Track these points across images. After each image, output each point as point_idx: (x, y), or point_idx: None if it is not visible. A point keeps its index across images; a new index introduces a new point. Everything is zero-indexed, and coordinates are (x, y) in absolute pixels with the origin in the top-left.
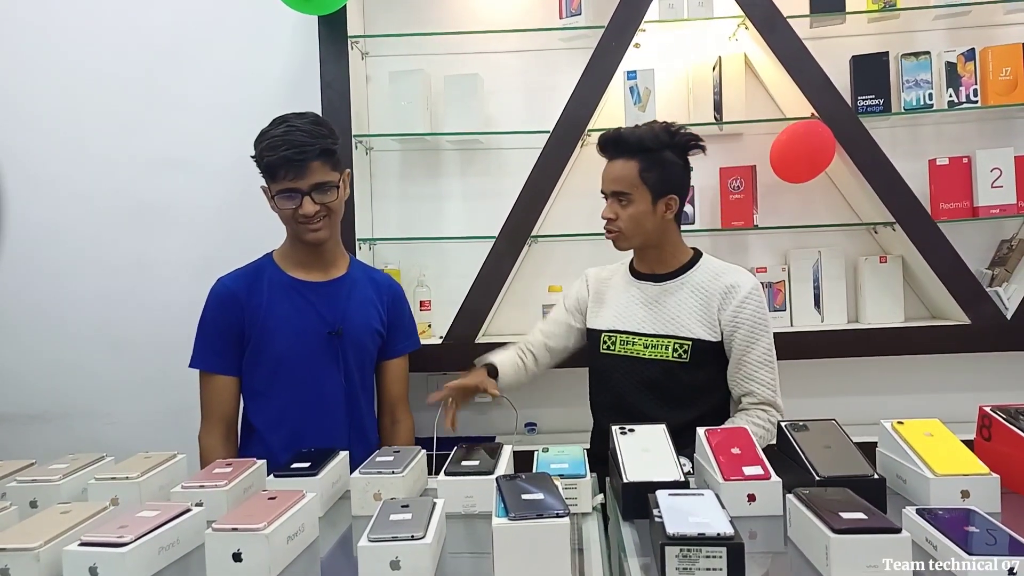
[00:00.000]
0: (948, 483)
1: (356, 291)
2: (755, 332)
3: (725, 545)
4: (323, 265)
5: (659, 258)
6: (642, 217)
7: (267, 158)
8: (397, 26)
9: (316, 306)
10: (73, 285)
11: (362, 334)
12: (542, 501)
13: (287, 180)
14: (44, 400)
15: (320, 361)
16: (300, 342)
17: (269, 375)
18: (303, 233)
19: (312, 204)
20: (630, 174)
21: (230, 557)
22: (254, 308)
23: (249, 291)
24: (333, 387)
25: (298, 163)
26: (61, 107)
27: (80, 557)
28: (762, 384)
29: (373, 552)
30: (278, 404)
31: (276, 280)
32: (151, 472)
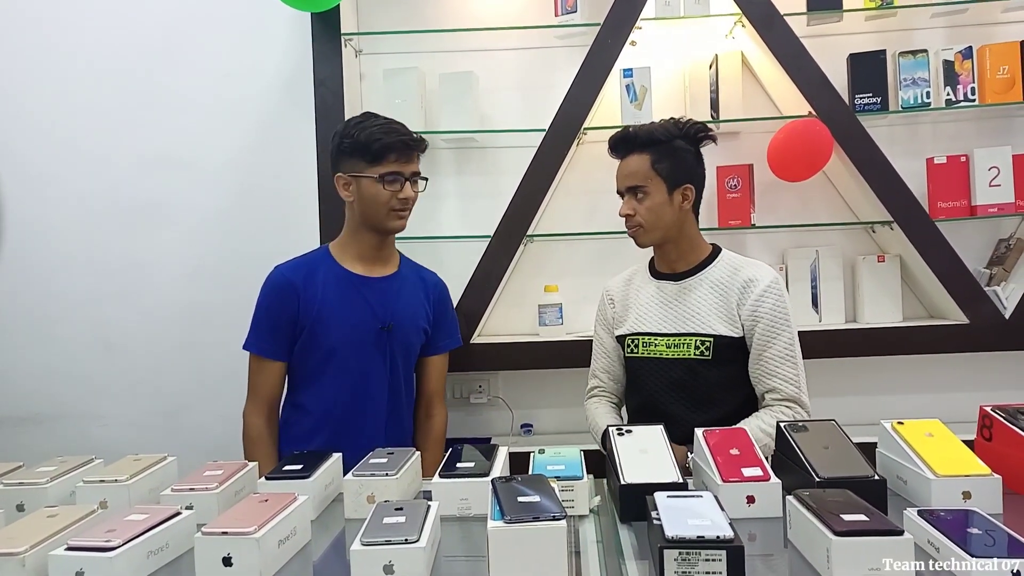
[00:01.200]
0: (949, 484)
1: (406, 289)
2: (775, 326)
3: (725, 548)
4: (381, 260)
5: (679, 254)
6: (660, 208)
7: (380, 140)
8: (391, 24)
9: (370, 301)
10: (65, 286)
11: (410, 331)
12: (538, 503)
13: (396, 163)
14: (36, 402)
15: (369, 354)
16: (353, 335)
17: (320, 363)
18: (391, 220)
19: (412, 189)
20: (643, 167)
21: (220, 561)
22: (309, 298)
23: (305, 281)
24: (379, 379)
25: (410, 149)
26: (53, 105)
27: (67, 562)
28: (785, 380)
29: (366, 556)
30: (326, 391)
31: (332, 273)
32: (141, 475)
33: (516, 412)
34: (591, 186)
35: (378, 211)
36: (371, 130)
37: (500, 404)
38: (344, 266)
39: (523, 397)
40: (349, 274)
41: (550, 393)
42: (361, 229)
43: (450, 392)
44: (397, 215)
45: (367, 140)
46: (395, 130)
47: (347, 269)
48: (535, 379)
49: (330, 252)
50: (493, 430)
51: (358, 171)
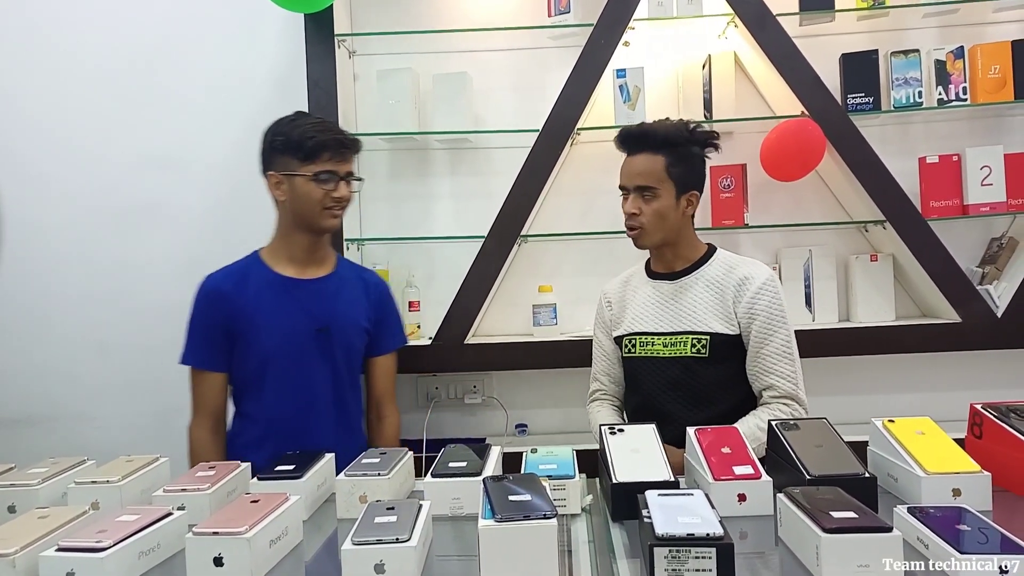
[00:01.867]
0: (939, 481)
1: (344, 288)
2: (771, 324)
3: (714, 545)
4: (314, 261)
5: (675, 255)
6: (666, 212)
7: (314, 137)
8: (385, 24)
9: (304, 303)
10: (59, 286)
11: (350, 332)
12: (529, 502)
13: (330, 162)
14: (28, 403)
15: (309, 358)
16: (288, 339)
17: (258, 371)
18: (325, 219)
19: (346, 189)
20: (657, 168)
21: (211, 562)
22: (241, 305)
23: (236, 288)
24: (322, 383)
25: (344, 148)
26: (47, 105)
27: (57, 563)
28: (782, 377)
29: (357, 555)
30: (268, 399)
31: (264, 277)
32: (133, 476)
33: (511, 412)
34: (585, 186)
35: (311, 210)
36: (304, 128)
37: (495, 404)
38: (276, 270)
39: (518, 397)
40: (281, 277)
41: (545, 393)
42: (293, 230)
43: (445, 392)
44: (331, 214)
45: (300, 138)
46: (329, 129)
47: (279, 273)
48: (530, 379)
49: (260, 257)
50: (488, 430)
51: (291, 169)
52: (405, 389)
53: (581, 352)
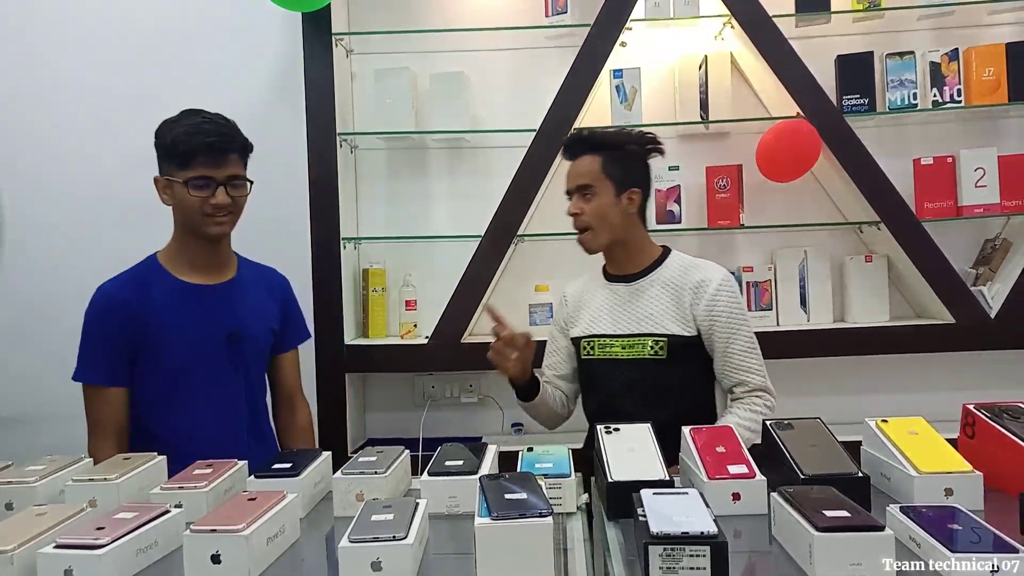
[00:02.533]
0: (932, 481)
1: (250, 292)
2: (733, 323)
3: (709, 544)
4: (216, 266)
5: (627, 256)
6: (606, 209)
7: (185, 142)
8: (382, 24)
9: (213, 311)
10: (55, 284)
11: (259, 335)
12: (525, 501)
13: (205, 167)
14: (23, 401)
15: (221, 367)
16: (201, 350)
17: (169, 384)
18: (207, 226)
19: (226, 195)
20: (593, 168)
21: (209, 559)
22: (145, 315)
23: (138, 297)
24: (236, 391)
25: (220, 151)
26: (44, 104)
27: (55, 560)
28: (751, 372)
29: (354, 553)
30: (181, 412)
31: (166, 285)
32: (130, 473)
33: (506, 411)
34: None
35: (192, 217)
36: (177, 132)
37: (491, 403)
38: (178, 276)
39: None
40: (185, 284)
41: None
42: (187, 236)
43: (440, 391)
44: (213, 221)
45: (173, 143)
46: (203, 131)
47: (182, 279)
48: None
49: (159, 263)
50: (483, 429)
51: (170, 175)
52: (402, 388)
53: None
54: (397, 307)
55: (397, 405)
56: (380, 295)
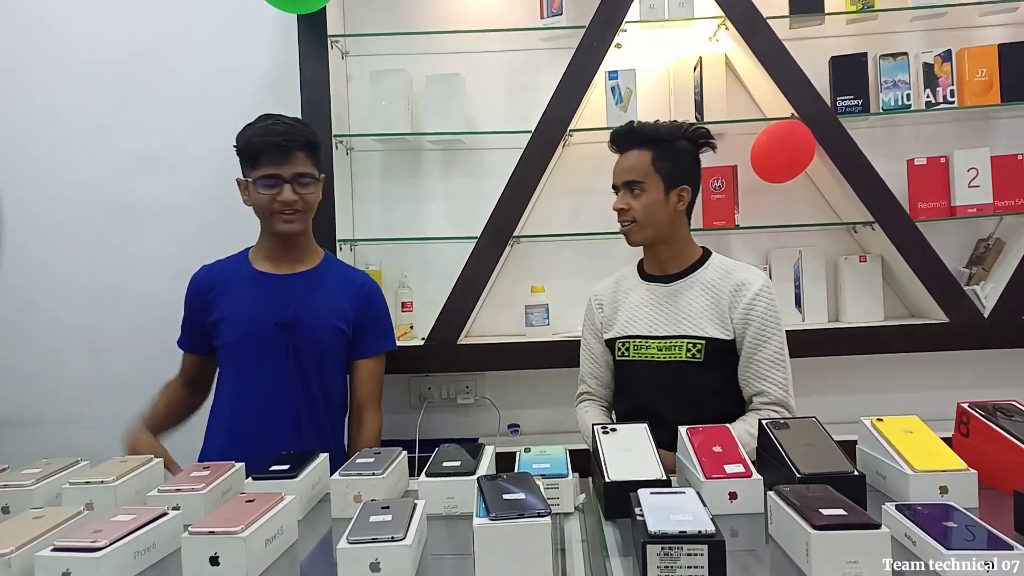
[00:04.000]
0: (927, 479)
1: (320, 285)
2: (766, 330)
3: (706, 543)
4: (291, 259)
5: (670, 256)
6: (655, 206)
7: (254, 142)
8: (378, 25)
9: (270, 297)
10: (49, 287)
11: (318, 329)
12: (523, 501)
13: (271, 166)
14: (19, 404)
15: (268, 353)
16: (248, 332)
17: (225, 359)
18: (277, 223)
19: (292, 192)
20: (643, 163)
21: (207, 561)
22: (213, 297)
23: (215, 281)
24: (280, 379)
25: (284, 149)
26: (37, 105)
27: (53, 562)
28: (774, 383)
29: (352, 554)
30: (232, 389)
31: (242, 272)
32: (127, 476)
33: (503, 412)
34: (577, 187)
35: (263, 215)
36: (249, 134)
37: (487, 404)
38: (255, 266)
39: (510, 397)
40: (255, 272)
41: (537, 393)
42: (265, 231)
43: (438, 393)
44: (282, 218)
45: (245, 145)
46: (270, 131)
47: (256, 268)
48: (522, 379)
49: (248, 254)
50: (480, 430)
51: (246, 175)
52: (398, 389)
53: (573, 352)
54: (393, 308)
55: (393, 407)
56: None
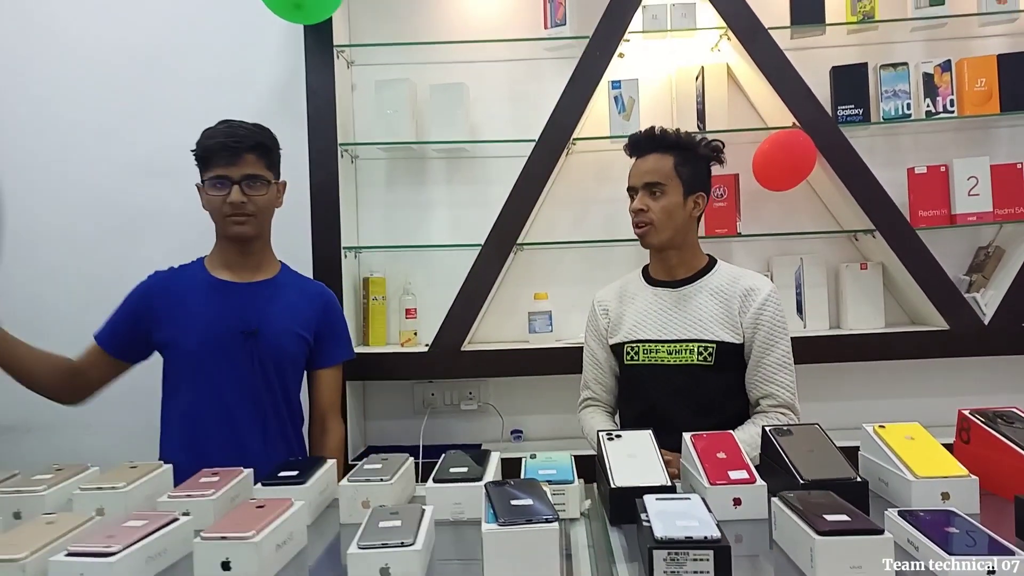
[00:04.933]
0: (929, 485)
1: (280, 294)
2: (774, 335)
3: (712, 548)
4: (250, 267)
5: (680, 261)
6: (674, 210)
7: (205, 144)
8: (383, 35)
9: (233, 305)
10: (55, 294)
11: (282, 337)
12: (531, 507)
13: (220, 167)
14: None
15: (231, 360)
16: (213, 340)
17: (184, 370)
18: (228, 226)
19: (240, 194)
20: (665, 166)
21: (219, 566)
22: (168, 306)
23: (169, 288)
24: (247, 387)
25: (232, 150)
26: (44, 112)
27: (67, 567)
28: (781, 387)
29: (363, 559)
30: (189, 399)
31: (199, 279)
32: (137, 482)
33: (506, 418)
34: (579, 195)
35: (215, 218)
36: (205, 134)
37: (490, 411)
38: (212, 274)
39: (513, 404)
40: (213, 280)
41: (540, 400)
42: (220, 237)
43: (440, 399)
44: (233, 221)
45: (198, 147)
46: (219, 132)
47: (214, 276)
48: (525, 386)
49: (203, 262)
50: (483, 436)
51: (201, 178)
52: (402, 395)
53: (576, 359)
54: (397, 315)
55: (397, 413)
56: (380, 303)
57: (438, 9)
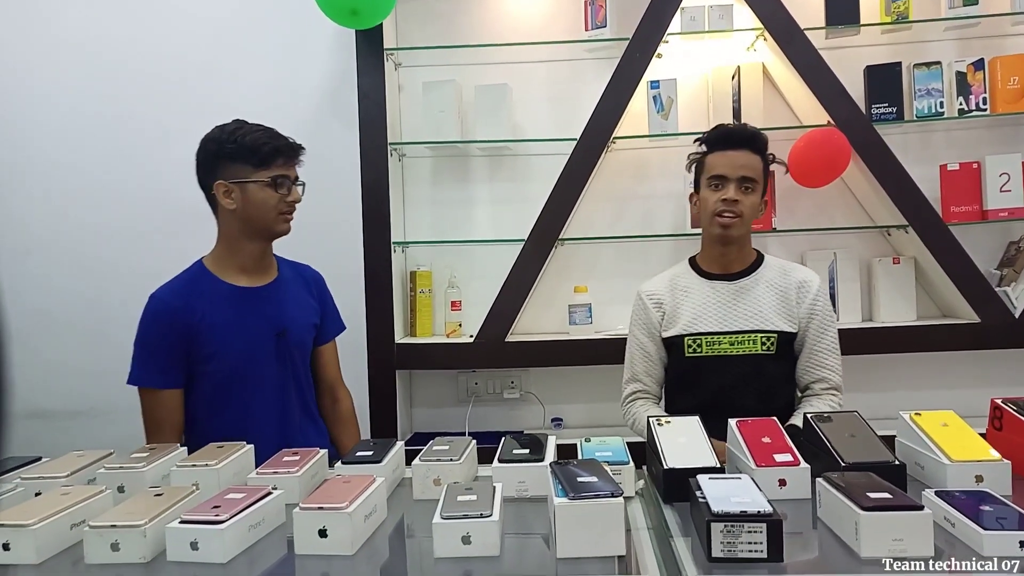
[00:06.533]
0: (963, 468)
1: (291, 291)
2: (825, 323)
3: (765, 521)
4: (263, 268)
5: (739, 255)
6: (757, 207)
7: (269, 143)
8: (430, 39)
9: (262, 312)
10: (118, 285)
11: (303, 332)
12: (596, 483)
13: (283, 167)
14: (89, 396)
15: (271, 364)
16: (253, 349)
17: (224, 383)
18: (279, 224)
19: (298, 192)
20: (759, 165)
21: (316, 533)
22: (197, 320)
23: (188, 303)
24: (286, 387)
25: (295, 151)
26: (108, 116)
27: (182, 533)
28: (832, 370)
29: (447, 528)
30: (235, 410)
31: (216, 289)
32: (226, 460)
33: (547, 407)
34: (618, 192)
35: (267, 215)
36: (256, 135)
37: (532, 399)
38: (225, 280)
39: (553, 392)
40: (233, 288)
41: (579, 389)
42: (242, 239)
43: (484, 387)
44: (284, 218)
45: (254, 144)
46: (279, 135)
47: (229, 283)
48: (565, 375)
49: (206, 267)
50: (525, 424)
51: (243, 176)
52: (447, 384)
53: (614, 349)
54: (443, 307)
55: (442, 401)
56: (427, 296)
57: (482, 12)
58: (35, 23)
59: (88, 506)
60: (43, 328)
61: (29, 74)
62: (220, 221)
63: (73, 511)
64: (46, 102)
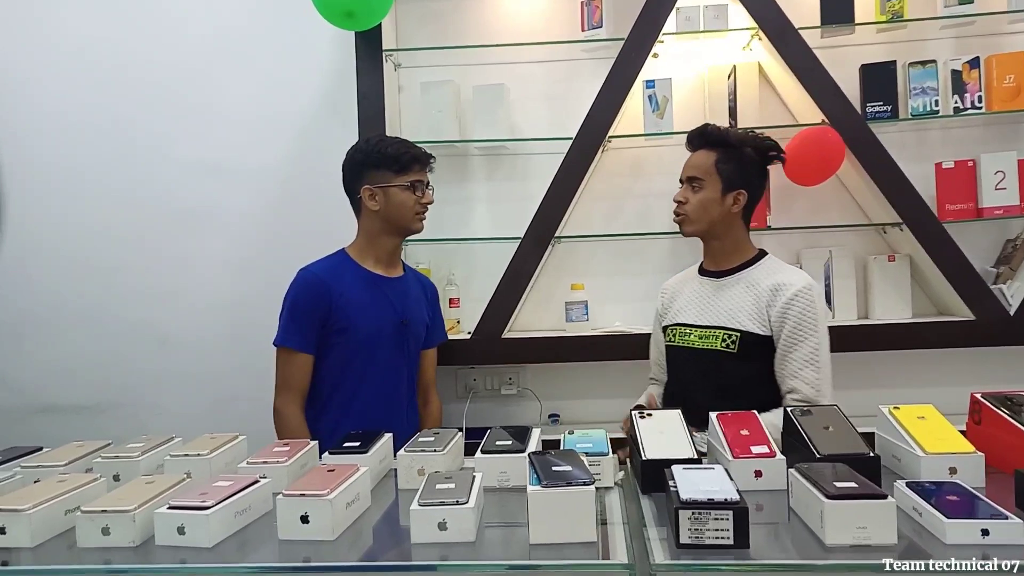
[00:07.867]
0: (937, 460)
1: (412, 288)
2: (801, 331)
3: (732, 509)
4: (394, 263)
5: (723, 253)
6: (709, 204)
7: (407, 152)
8: (428, 39)
9: (391, 299)
10: (122, 284)
11: (419, 326)
12: (570, 472)
13: (419, 172)
14: (95, 392)
15: (392, 348)
16: (378, 329)
17: (352, 355)
18: (416, 222)
19: (430, 195)
20: (706, 163)
21: (298, 519)
22: (338, 296)
23: (334, 281)
24: (400, 371)
25: (427, 160)
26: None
27: (170, 519)
28: (805, 383)
29: (423, 514)
30: (355, 385)
31: (356, 273)
32: (219, 450)
33: (544, 403)
34: (614, 191)
35: (406, 215)
36: (396, 145)
37: (529, 395)
38: (365, 267)
39: (550, 389)
40: (370, 274)
41: (576, 385)
42: (382, 235)
43: (482, 384)
44: (420, 218)
45: (395, 154)
46: (413, 145)
47: (368, 270)
48: (562, 372)
49: (349, 255)
50: (522, 420)
51: (386, 181)
52: (446, 380)
53: (611, 346)
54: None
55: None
56: None
57: (480, 13)
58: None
59: (82, 493)
60: (49, 327)
61: (28, 78)
62: (363, 220)
63: (67, 497)
64: (46, 106)
